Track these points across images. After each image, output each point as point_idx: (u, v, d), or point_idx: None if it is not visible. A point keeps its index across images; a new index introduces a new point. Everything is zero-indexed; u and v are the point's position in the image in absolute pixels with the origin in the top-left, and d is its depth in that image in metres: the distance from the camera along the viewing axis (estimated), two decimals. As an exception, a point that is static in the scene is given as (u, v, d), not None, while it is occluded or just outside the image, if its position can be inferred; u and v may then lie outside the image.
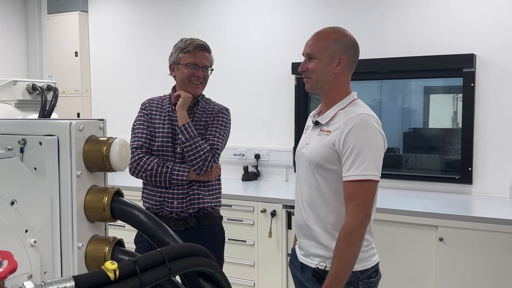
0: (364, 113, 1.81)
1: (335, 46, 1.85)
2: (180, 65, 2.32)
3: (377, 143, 1.79)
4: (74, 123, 0.97)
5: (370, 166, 1.74)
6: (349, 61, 1.88)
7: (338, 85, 1.89)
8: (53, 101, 2.59)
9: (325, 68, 1.86)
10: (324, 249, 1.85)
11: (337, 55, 1.85)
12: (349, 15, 3.89)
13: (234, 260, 3.54)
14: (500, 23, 3.41)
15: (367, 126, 1.78)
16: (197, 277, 0.96)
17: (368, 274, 1.85)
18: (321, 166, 1.84)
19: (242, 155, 4.27)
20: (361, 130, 1.76)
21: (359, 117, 1.78)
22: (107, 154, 0.99)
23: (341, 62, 1.86)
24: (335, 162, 1.81)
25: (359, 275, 1.82)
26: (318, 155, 1.84)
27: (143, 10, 4.85)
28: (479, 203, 3.34)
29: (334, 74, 1.87)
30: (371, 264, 1.86)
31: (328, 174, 1.83)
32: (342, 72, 1.87)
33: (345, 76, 1.90)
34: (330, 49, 1.85)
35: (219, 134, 2.32)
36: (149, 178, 2.27)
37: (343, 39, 1.88)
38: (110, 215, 1.00)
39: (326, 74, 1.87)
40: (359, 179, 1.74)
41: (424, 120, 4.18)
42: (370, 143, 1.76)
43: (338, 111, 1.87)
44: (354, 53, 1.90)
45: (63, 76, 5.15)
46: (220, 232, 2.42)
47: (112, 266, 0.77)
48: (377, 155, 1.77)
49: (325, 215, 1.85)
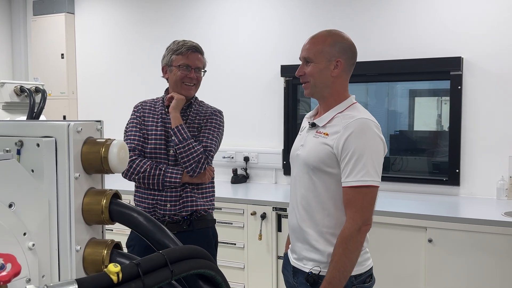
0: (364, 117, 1.78)
1: (332, 49, 1.84)
2: (173, 67, 2.31)
3: (377, 148, 1.77)
4: (72, 125, 0.96)
5: (370, 172, 1.72)
6: (347, 63, 1.86)
7: (337, 88, 1.87)
8: (41, 103, 2.55)
9: (322, 72, 1.84)
10: (318, 253, 1.83)
11: (334, 58, 1.84)
12: (337, 18, 3.91)
13: (224, 263, 3.53)
14: (487, 26, 3.46)
15: (367, 131, 1.76)
16: (197, 280, 0.96)
17: (362, 279, 1.83)
18: (319, 169, 1.81)
19: (231, 157, 4.27)
20: (361, 135, 1.74)
21: (359, 122, 1.76)
22: (106, 156, 0.97)
23: (338, 64, 1.84)
24: (333, 166, 1.78)
25: (353, 280, 1.79)
26: (315, 157, 1.81)
27: (130, 12, 4.83)
28: (466, 204, 3.38)
29: (332, 77, 1.85)
30: (365, 269, 1.84)
31: (326, 177, 1.81)
32: (339, 74, 1.86)
33: (343, 79, 1.88)
34: (327, 52, 1.84)
35: (212, 136, 2.31)
36: (141, 181, 2.25)
37: (340, 42, 1.86)
38: (108, 217, 0.99)
39: (324, 77, 1.85)
40: (359, 185, 1.72)
41: (410, 123, 4.22)
42: (370, 149, 1.74)
43: (336, 114, 1.84)
44: (352, 55, 1.89)
45: (49, 78, 5.08)
46: (213, 235, 2.40)
47: (115, 269, 0.76)
48: (377, 161, 1.75)
49: (320, 218, 1.82)
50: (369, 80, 3.92)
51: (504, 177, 3.37)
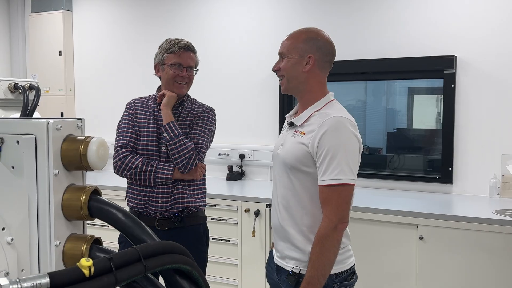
0: (338, 115, 1.79)
1: (304, 45, 1.86)
2: (165, 65, 2.33)
3: (352, 146, 1.77)
4: (51, 122, 0.98)
5: (345, 170, 1.72)
6: (320, 60, 1.87)
7: (311, 84, 1.88)
8: (35, 101, 2.57)
9: (294, 66, 1.86)
10: (299, 252, 1.84)
11: (306, 54, 1.85)
12: (333, 17, 3.92)
13: (218, 260, 3.56)
14: (481, 25, 3.47)
15: (342, 129, 1.76)
16: (174, 275, 0.98)
17: (343, 277, 1.83)
18: (296, 168, 1.82)
19: (227, 155, 4.29)
20: (335, 133, 1.74)
21: (334, 120, 1.76)
22: (85, 153, 0.99)
23: (310, 60, 1.84)
24: (310, 165, 1.79)
25: (334, 278, 1.80)
26: (292, 157, 1.83)
27: (128, 9, 4.84)
28: (458, 202, 3.40)
29: (304, 73, 1.86)
30: (346, 267, 1.85)
31: (303, 176, 1.82)
32: (312, 70, 1.86)
33: (317, 76, 1.88)
34: (300, 48, 1.85)
35: (203, 133, 2.34)
36: (133, 177, 2.27)
37: (314, 38, 1.88)
38: (87, 213, 1.01)
39: (296, 72, 1.86)
40: (334, 184, 1.72)
41: (408, 121, 4.23)
42: (345, 147, 1.74)
43: (313, 113, 1.85)
44: (326, 52, 1.89)
45: (47, 75, 5.11)
46: (204, 232, 2.42)
47: (87, 263, 0.78)
48: (351, 159, 1.75)
49: (300, 217, 1.83)
50: (364, 78, 3.94)
51: (497, 175, 3.38)
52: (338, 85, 4.11)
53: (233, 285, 3.56)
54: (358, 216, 3.11)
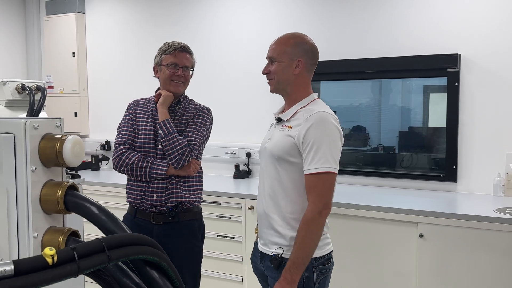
0: (323, 111, 1.95)
1: (294, 49, 2.02)
2: (162, 66, 2.43)
3: (335, 138, 1.93)
4: (28, 122, 1.04)
5: (329, 160, 1.88)
6: (307, 63, 2.04)
7: (298, 85, 2.03)
8: (41, 101, 2.66)
9: (284, 70, 2.02)
10: (280, 237, 1.98)
11: (296, 58, 2.01)
12: (336, 16, 3.95)
13: (223, 256, 3.63)
14: (484, 23, 3.46)
15: (326, 123, 1.92)
16: (145, 266, 1.03)
17: (321, 261, 1.99)
18: (283, 159, 1.97)
19: (234, 153, 4.35)
20: (320, 127, 1.90)
21: (318, 115, 1.92)
22: (60, 150, 1.06)
23: (299, 64, 2.01)
24: (295, 155, 1.94)
25: (314, 262, 1.96)
26: (280, 148, 1.98)
27: (139, 11, 4.94)
28: (462, 200, 3.39)
29: (294, 75, 2.02)
30: (325, 252, 2.02)
31: (289, 166, 1.97)
32: (301, 73, 2.03)
33: (304, 77, 2.05)
34: (289, 53, 2.01)
35: (197, 131, 2.41)
36: (130, 172, 2.37)
37: (302, 43, 2.04)
38: (63, 207, 1.07)
39: (286, 75, 2.02)
40: (319, 172, 1.87)
41: (413, 119, 4.22)
42: (329, 139, 1.90)
43: (299, 109, 2.02)
44: (312, 56, 2.06)
45: (61, 76, 5.25)
46: (199, 227, 2.49)
47: (51, 252, 0.84)
48: (334, 150, 1.91)
49: (284, 205, 1.98)
50: (368, 77, 3.95)
51: (501, 173, 3.37)
52: (337, 84, 4.14)
53: (238, 281, 3.61)
54: (359, 214, 3.15)
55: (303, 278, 1.92)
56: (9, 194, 1.05)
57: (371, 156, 4.17)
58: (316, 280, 1.96)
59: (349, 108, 4.30)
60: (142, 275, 1.04)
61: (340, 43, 3.93)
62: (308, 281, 1.95)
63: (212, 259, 3.63)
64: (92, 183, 4.11)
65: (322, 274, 1.99)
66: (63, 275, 0.85)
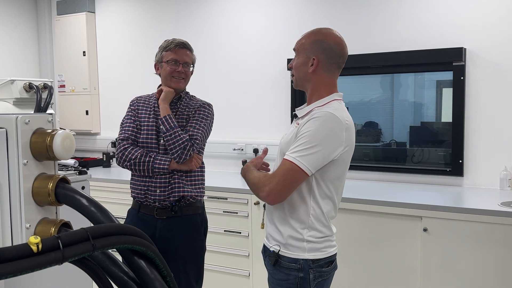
0: (330, 111, 1.84)
1: (312, 46, 1.93)
2: (163, 63, 2.47)
3: (328, 141, 1.82)
4: (20, 117, 1.08)
5: (307, 158, 1.80)
6: (325, 62, 1.92)
7: (317, 84, 1.95)
8: (47, 99, 2.73)
9: (301, 67, 1.96)
10: (279, 234, 1.95)
11: (312, 55, 1.92)
12: (342, 12, 3.95)
13: (230, 251, 3.66)
14: (490, 16, 3.43)
15: (327, 122, 1.82)
16: (132, 255, 1.07)
17: (320, 264, 1.92)
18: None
19: (241, 149, 4.38)
20: (318, 123, 1.82)
21: (323, 113, 1.83)
22: (50, 144, 1.10)
23: (314, 62, 1.91)
24: None
25: (311, 263, 1.89)
26: (287, 144, 1.94)
27: (148, 10, 4.99)
28: (467, 195, 3.38)
29: (309, 73, 1.94)
30: (324, 255, 1.92)
31: None
32: (317, 72, 1.93)
33: (322, 77, 1.94)
34: (307, 49, 1.94)
35: (199, 126, 2.45)
36: (133, 167, 2.41)
37: (321, 41, 1.92)
38: (55, 199, 1.11)
39: (302, 72, 1.96)
40: (290, 161, 1.81)
41: (418, 115, 4.20)
42: (320, 139, 1.81)
43: (314, 108, 1.92)
44: (332, 54, 1.92)
45: (72, 75, 5.33)
46: (201, 222, 2.53)
47: (35, 240, 0.87)
48: (320, 152, 1.81)
49: (285, 203, 1.93)
50: (373, 72, 3.95)
51: (507, 167, 3.35)
52: (349, 79, 4.14)
53: (245, 276, 3.65)
54: (363, 208, 3.16)
55: (298, 278, 1.89)
56: (1, 187, 1.09)
57: (381, 152, 4.16)
58: (312, 282, 1.91)
59: (360, 103, 4.30)
60: (130, 264, 1.08)
61: (346, 38, 3.92)
62: (303, 282, 1.90)
63: (219, 254, 3.67)
64: (99, 180, 4.18)
65: (320, 277, 1.92)
66: (47, 263, 0.89)
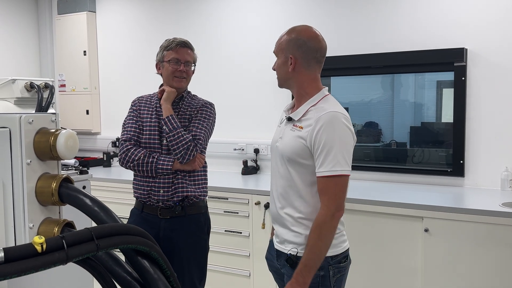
0: (334, 110, 1.87)
1: (287, 45, 1.96)
2: (164, 62, 2.47)
3: (346, 139, 1.87)
4: (23, 117, 1.08)
5: (340, 162, 1.83)
6: (303, 59, 1.94)
7: (300, 81, 1.97)
8: (49, 98, 2.73)
9: (281, 67, 1.98)
10: (296, 236, 1.95)
11: (289, 54, 1.95)
12: (343, 12, 3.95)
13: (231, 251, 3.66)
14: (491, 17, 3.43)
15: (336, 123, 1.85)
16: (136, 255, 1.07)
17: (338, 260, 1.95)
18: (294, 161, 1.92)
19: (242, 149, 4.38)
20: (331, 127, 1.84)
21: (329, 115, 1.85)
22: (54, 144, 1.09)
23: (291, 60, 1.94)
24: (307, 157, 1.90)
25: (330, 260, 1.92)
26: (290, 150, 1.93)
27: (149, 9, 4.99)
28: (468, 195, 3.38)
29: (290, 73, 1.96)
30: (341, 251, 1.97)
31: (300, 168, 1.92)
32: (296, 69, 1.95)
33: (303, 74, 1.96)
34: (284, 49, 1.97)
35: (201, 126, 2.45)
36: (136, 168, 2.41)
37: (296, 38, 1.95)
38: (58, 199, 1.11)
39: (283, 72, 1.99)
40: (330, 175, 1.83)
41: (419, 115, 4.19)
42: (339, 140, 1.84)
43: (310, 108, 1.94)
44: (308, 50, 1.94)
45: (73, 75, 5.33)
46: (205, 221, 2.53)
47: (40, 240, 0.87)
48: (346, 151, 1.86)
49: (298, 205, 1.94)
50: (374, 72, 3.94)
51: (509, 168, 3.34)
52: (350, 79, 4.14)
53: (245, 276, 3.65)
54: (363, 209, 3.15)
55: (319, 277, 1.90)
56: (5, 186, 1.09)
57: (382, 152, 4.16)
58: (332, 278, 1.93)
59: (360, 104, 4.30)
60: (133, 264, 1.08)
61: (346, 38, 3.93)
62: (324, 280, 1.92)
63: (219, 254, 3.67)
64: (100, 179, 4.18)
65: (339, 273, 1.95)
66: (51, 262, 0.88)
